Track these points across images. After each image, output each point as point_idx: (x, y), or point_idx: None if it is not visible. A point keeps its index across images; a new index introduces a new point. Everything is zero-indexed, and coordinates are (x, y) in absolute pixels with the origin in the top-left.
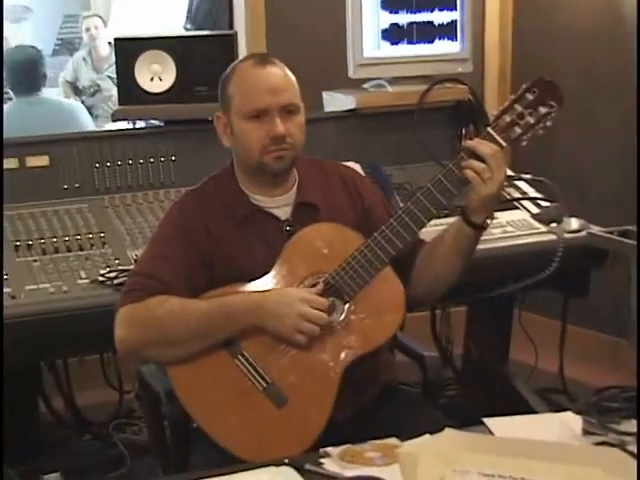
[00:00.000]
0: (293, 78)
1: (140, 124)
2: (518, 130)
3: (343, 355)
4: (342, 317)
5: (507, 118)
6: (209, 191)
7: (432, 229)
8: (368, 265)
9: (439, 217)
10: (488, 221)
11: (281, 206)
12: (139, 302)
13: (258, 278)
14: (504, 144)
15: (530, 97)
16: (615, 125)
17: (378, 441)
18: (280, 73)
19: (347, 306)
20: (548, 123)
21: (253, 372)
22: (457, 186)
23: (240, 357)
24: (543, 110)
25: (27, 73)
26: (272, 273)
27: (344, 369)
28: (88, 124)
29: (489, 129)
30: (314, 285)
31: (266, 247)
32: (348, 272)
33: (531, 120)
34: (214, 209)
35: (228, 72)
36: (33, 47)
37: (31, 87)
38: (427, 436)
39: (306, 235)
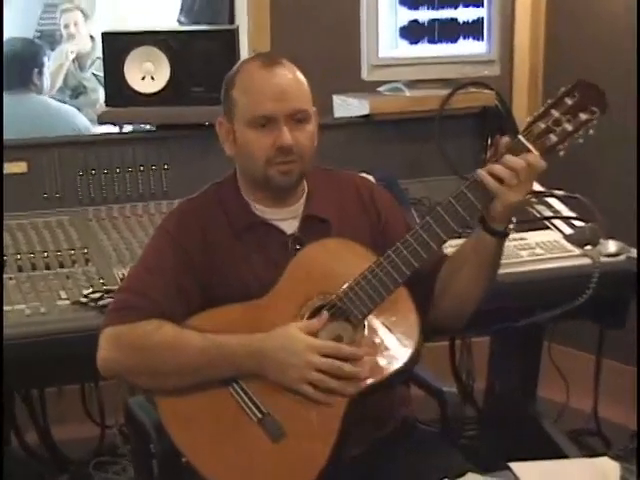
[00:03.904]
0: (304, 82)
1: (129, 128)
2: (554, 138)
3: (349, 385)
4: (349, 343)
5: (542, 125)
6: (209, 200)
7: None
8: (379, 285)
9: (459, 235)
10: (511, 225)
11: (287, 219)
12: (127, 324)
13: (258, 297)
14: (536, 152)
15: (569, 102)
16: None
17: None
18: (289, 76)
19: (354, 331)
20: (590, 132)
21: (248, 401)
22: (482, 200)
23: (235, 385)
24: (583, 117)
25: (15, 68)
26: (274, 292)
27: (350, 401)
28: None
29: (520, 136)
30: (320, 307)
31: (269, 264)
32: (357, 293)
33: (569, 127)
34: (213, 220)
35: (232, 73)
36: (27, 39)
37: (19, 84)
38: None
39: (312, 251)
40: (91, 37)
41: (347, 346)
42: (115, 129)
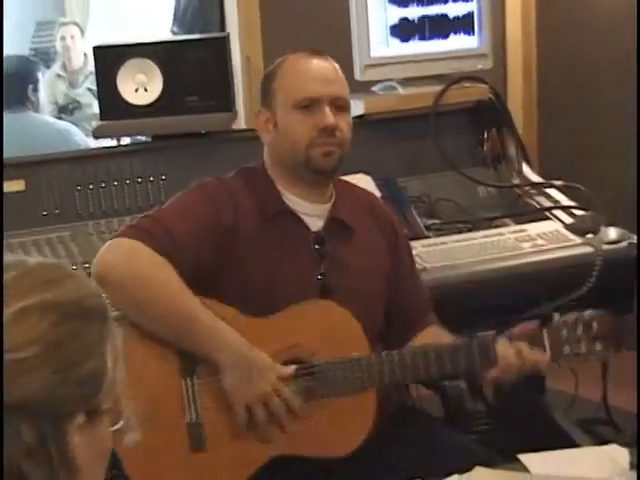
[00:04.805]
0: (342, 74)
1: (125, 141)
2: (567, 350)
3: (284, 444)
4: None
5: (564, 333)
6: (239, 183)
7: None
8: (359, 380)
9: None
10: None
11: (314, 216)
12: (146, 245)
13: (262, 290)
14: (548, 355)
15: (595, 326)
16: None
17: None
18: (331, 65)
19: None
20: (592, 357)
21: (191, 401)
22: (483, 363)
23: (189, 380)
24: (598, 347)
25: (11, 85)
26: (274, 319)
27: (269, 460)
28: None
29: (544, 332)
30: (298, 361)
31: (286, 259)
32: (338, 370)
33: (583, 350)
34: (243, 201)
35: (273, 66)
36: (21, 56)
37: (16, 102)
38: (455, 476)
39: (326, 309)
40: (84, 55)
41: (299, 404)
42: (112, 142)
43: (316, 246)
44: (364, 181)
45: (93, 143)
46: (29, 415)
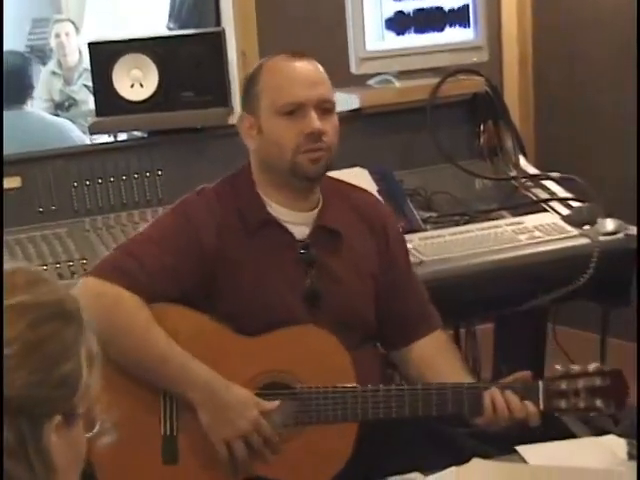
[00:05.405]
0: (326, 75)
1: (121, 137)
2: (563, 405)
3: (257, 468)
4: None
5: (563, 386)
6: (227, 192)
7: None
8: (342, 410)
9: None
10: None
11: (299, 224)
12: (115, 285)
13: (253, 300)
14: (541, 408)
15: (597, 382)
16: None
17: (397, 477)
18: (314, 67)
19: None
20: (592, 414)
21: (168, 415)
22: (472, 410)
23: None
24: (598, 404)
25: (7, 82)
26: (257, 340)
27: (250, 476)
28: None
29: (540, 384)
30: (281, 385)
31: (277, 267)
32: (321, 400)
33: (581, 405)
34: (229, 213)
35: (254, 70)
36: (16, 53)
37: (13, 98)
38: (453, 468)
39: (316, 335)
40: (79, 51)
41: (277, 436)
42: (108, 138)
43: (302, 254)
44: (360, 175)
45: (89, 139)
46: (8, 414)
